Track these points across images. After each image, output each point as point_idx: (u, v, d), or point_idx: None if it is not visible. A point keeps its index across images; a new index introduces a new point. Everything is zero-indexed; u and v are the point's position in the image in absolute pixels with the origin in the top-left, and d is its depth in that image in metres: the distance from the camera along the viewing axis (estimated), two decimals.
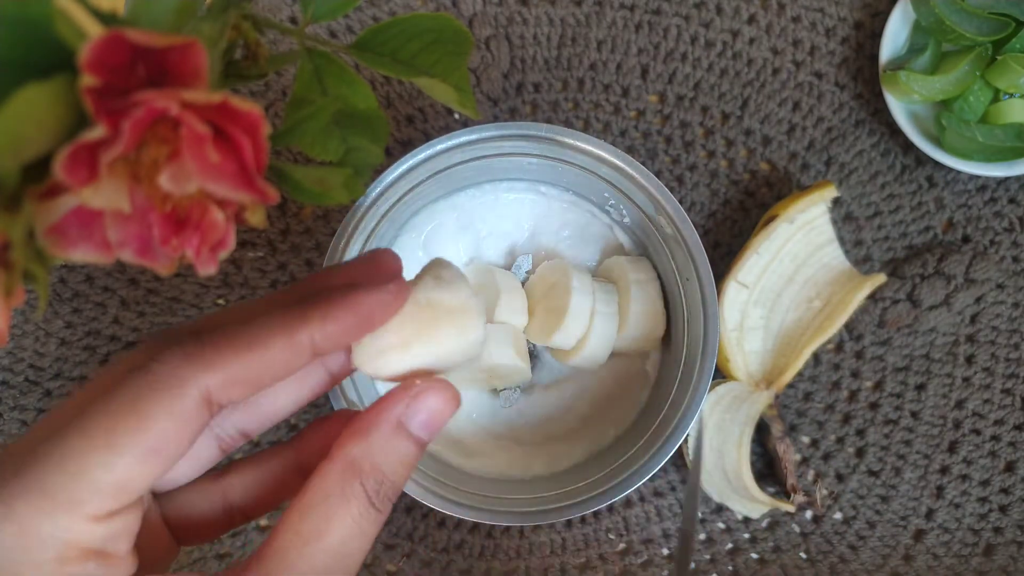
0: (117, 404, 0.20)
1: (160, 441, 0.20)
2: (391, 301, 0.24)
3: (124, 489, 0.20)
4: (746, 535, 0.46)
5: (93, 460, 0.19)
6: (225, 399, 0.21)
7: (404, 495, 0.41)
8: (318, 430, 0.28)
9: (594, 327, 0.42)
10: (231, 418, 0.26)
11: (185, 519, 0.26)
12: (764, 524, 0.47)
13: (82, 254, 0.18)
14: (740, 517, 0.47)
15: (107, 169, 0.17)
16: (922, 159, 0.47)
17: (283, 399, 0.26)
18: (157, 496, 0.26)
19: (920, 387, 0.47)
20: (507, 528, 0.46)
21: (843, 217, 0.48)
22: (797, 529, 0.46)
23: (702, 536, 0.47)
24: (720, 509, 0.46)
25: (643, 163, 0.44)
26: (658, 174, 0.47)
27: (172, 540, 0.26)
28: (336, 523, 0.22)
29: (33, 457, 0.19)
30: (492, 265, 0.45)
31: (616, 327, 0.42)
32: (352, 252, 0.40)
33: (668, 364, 0.43)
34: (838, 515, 0.47)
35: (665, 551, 0.46)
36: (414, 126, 0.48)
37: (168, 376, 0.20)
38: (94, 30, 0.16)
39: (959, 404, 0.47)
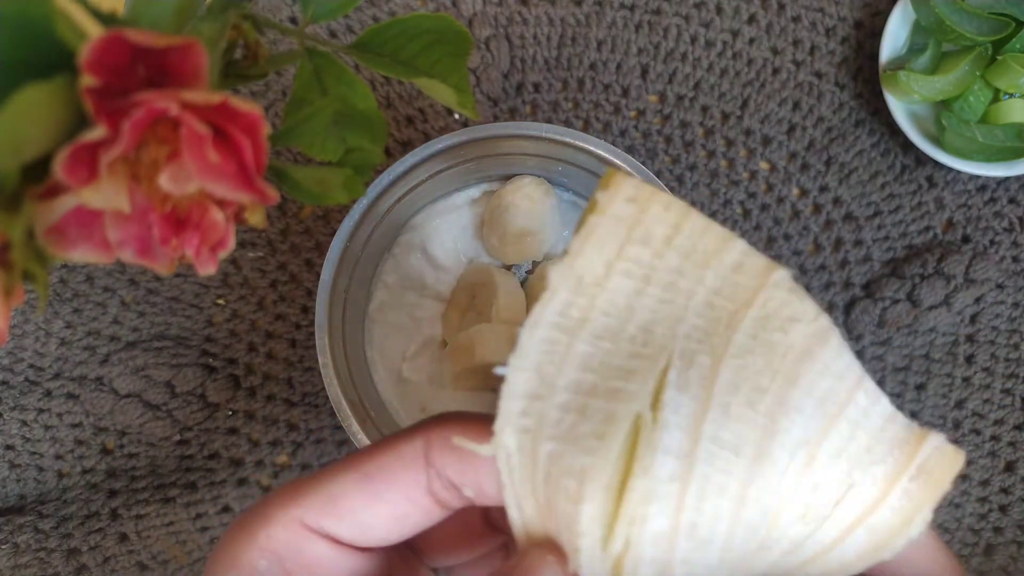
0: (374, 443, 0.22)
1: (374, 469, 0.21)
2: None
3: (334, 501, 0.21)
4: None
5: (330, 472, 0.21)
6: (438, 462, 0.21)
7: None
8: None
9: None
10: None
11: None
12: None
13: (82, 254, 0.18)
14: None
15: (107, 169, 0.17)
16: (922, 159, 0.47)
17: None
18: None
19: (920, 387, 0.47)
20: None
21: (843, 217, 0.48)
22: None
23: None
24: None
25: (643, 163, 0.44)
26: (658, 174, 0.47)
27: None
28: None
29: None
30: (492, 265, 0.45)
31: None
32: (352, 252, 0.40)
33: None
34: None
35: None
36: (414, 126, 0.48)
37: (411, 426, 0.22)
38: (94, 30, 0.16)
39: (959, 404, 0.47)
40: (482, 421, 0.21)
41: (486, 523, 0.25)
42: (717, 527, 0.18)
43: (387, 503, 0.21)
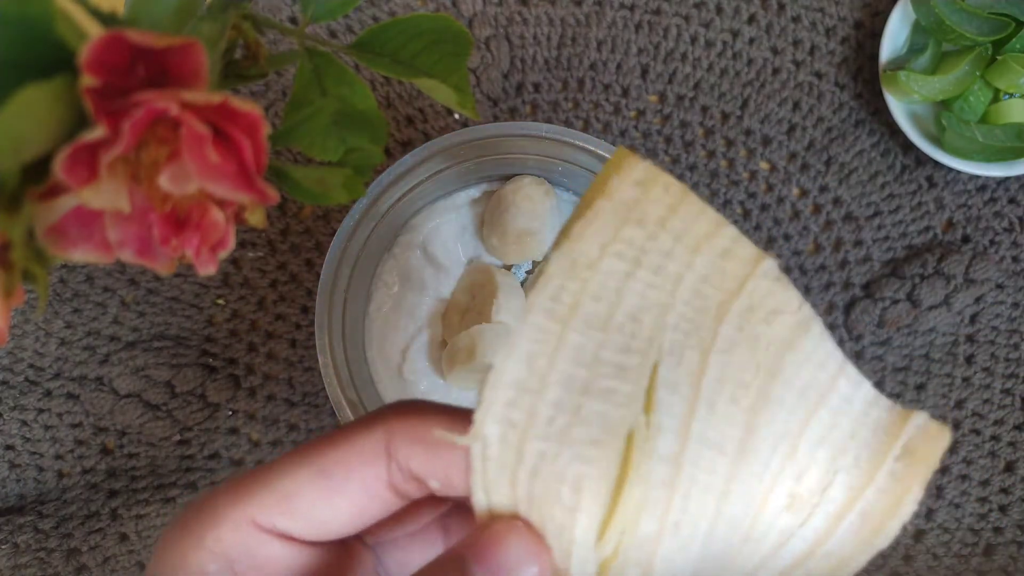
0: (324, 436, 0.21)
1: (331, 463, 0.20)
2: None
3: (288, 498, 0.20)
4: None
5: (281, 468, 0.20)
6: (402, 455, 0.20)
7: None
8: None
9: None
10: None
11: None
12: None
13: (82, 254, 0.18)
14: None
15: (107, 169, 0.17)
16: (922, 159, 0.47)
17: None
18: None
19: (920, 387, 0.47)
20: None
21: (843, 217, 0.48)
22: None
23: None
24: None
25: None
26: None
27: None
28: None
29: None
30: (492, 265, 0.45)
31: None
32: (352, 252, 0.40)
33: None
34: None
35: None
36: (414, 126, 0.48)
37: (364, 416, 0.21)
38: (94, 30, 0.16)
39: (959, 404, 0.47)
40: (445, 411, 0.21)
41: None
42: (700, 524, 0.18)
43: (345, 498, 0.20)
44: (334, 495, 0.20)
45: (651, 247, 0.19)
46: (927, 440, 0.19)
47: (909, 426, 0.19)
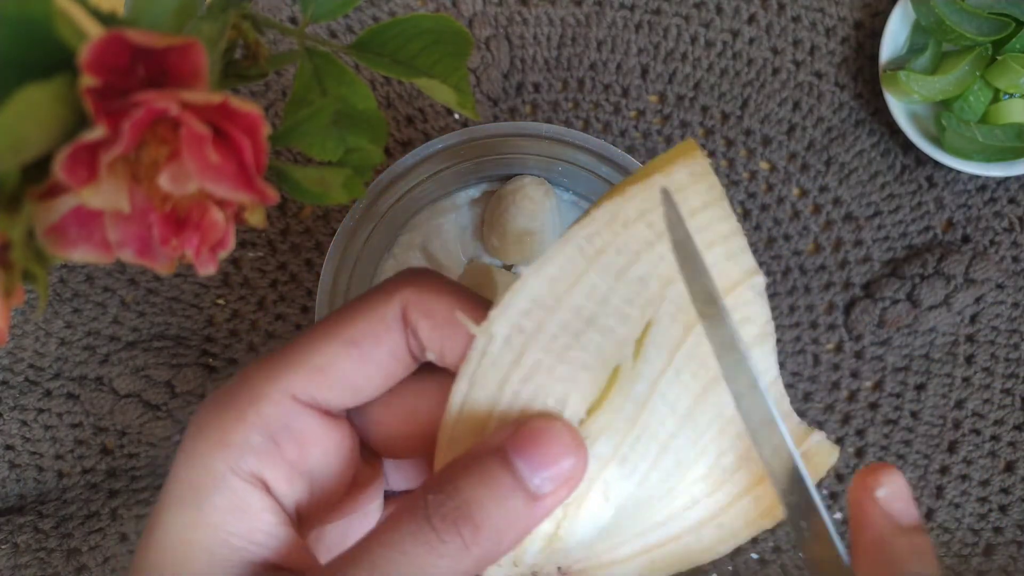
0: (344, 307, 0.23)
1: (359, 334, 0.22)
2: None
3: (323, 371, 0.21)
4: None
5: (311, 343, 0.22)
6: (414, 322, 0.22)
7: None
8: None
9: None
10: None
11: (382, 437, 0.24)
12: None
13: (82, 254, 0.18)
14: None
15: (107, 169, 0.17)
16: (922, 159, 0.47)
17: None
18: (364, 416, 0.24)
19: (920, 387, 0.47)
20: None
21: (843, 217, 0.48)
22: None
23: None
24: None
25: (643, 163, 0.44)
26: None
27: (375, 458, 0.25)
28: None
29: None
30: (492, 265, 0.45)
31: None
32: (352, 252, 0.40)
33: None
34: (838, 515, 0.47)
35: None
36: (414, 126, 0.48)
37: (382, 285, 0.22)
38: (94, 30, 0.16)
39: (959, 404, 0.47)
40: (454, 290, 0.22)
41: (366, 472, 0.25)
42: (639, 464, 0.22)
43: (375, 365, 0.22)
44: (365, 363, 0.22)
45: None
46: (821, 453, 0.23)
47: (810, 439, 0.23)
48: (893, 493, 0.20)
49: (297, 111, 0.26)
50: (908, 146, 0.47)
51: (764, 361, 0.23)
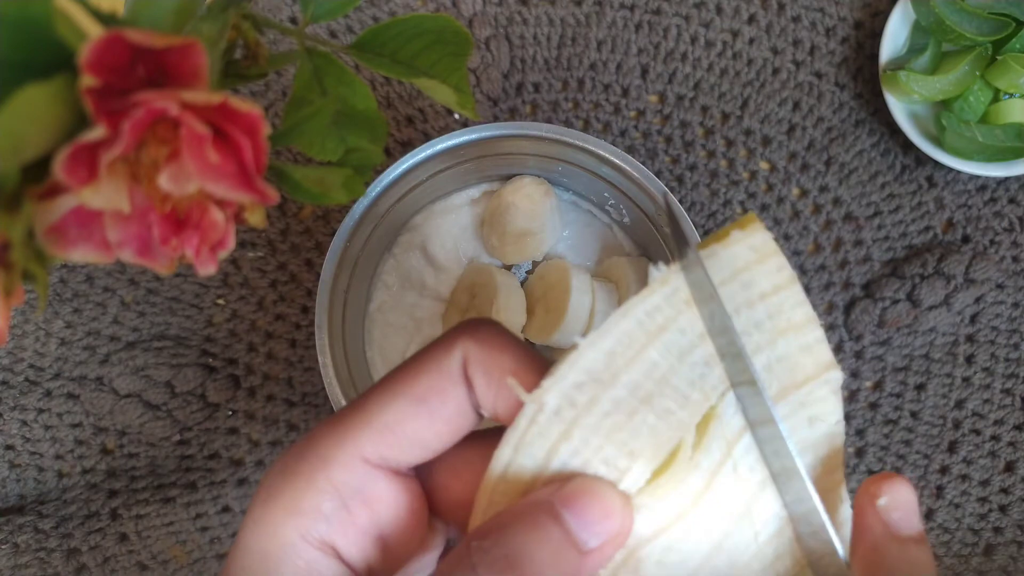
0: (406, 363, 0.22)
1: (425, 390, 0.21)
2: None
3: (392, 430, 0.21)
4: None
5: (376, 402, 0.21)
6: (471, 377, 0.22)
7: None
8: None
9: (593, 327, 0.42)
10: None
11: (449, 502, 0.24)
12: None
13: (82, 254, 0.18)
14: None
15: (107, 169, 0.17)
16: (922, 159, 0.47)
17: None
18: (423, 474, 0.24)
19: (920, 387, 0.47)
20: None
21: (843, 217, 0.48)
22: None
23: None
24: None
25: (643, 163, 0.44)
26: (658, 174, 0.47)
27: (437, 522, 0.25)
28: None
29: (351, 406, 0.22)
30: (492, 265, 0.45)
31: None
32: (352, 252, 0.40)
33: None
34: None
35: None
36: (414, 126, 0.48)
37: (443, 337, 0.22)
38: (94, 30, 0.16)
39: (959, 404, 0.47)
40: (514, 346, 0.22)
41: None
42: (690, 561, 0.21)
43: (443, 421, 0.21)
44: (433, 419, 0.21)
45: (745, 312, 0.20)
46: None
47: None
48: (894, 503, 0.20)
49: (297, 111, 0.26)
50: (908, 146, 0.47)
51: (832, 460, 0.21)
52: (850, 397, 0.47)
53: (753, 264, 0.21)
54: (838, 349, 0.47)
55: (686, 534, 0.20)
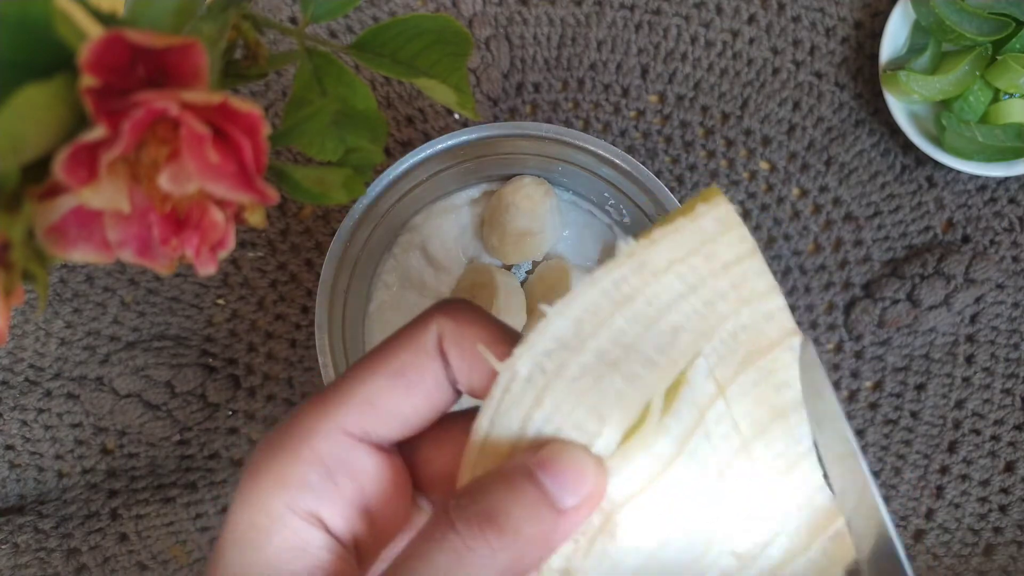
0: (385, 341, 0.23)
1: (403, 365, 0.22)
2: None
3: (372, 404, 0.22)
4: None
5: (357, 377, 0.22)
6: (447, 351, 0.22)
7: None
8: None
9: None
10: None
11: (433, 476, 0.24)
12: None
13: (82, 254, 0.18)
14: None
15: (107, 169, 0.17)
16: (922, 159, 0.47)
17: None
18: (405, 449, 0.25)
19: (920, 387, 0.47)
20: None
21: (843, 217, 0.48)
22: None
23: None
24: None
25: (643, 163, 0.44)
26: (658, 174, 0.47)
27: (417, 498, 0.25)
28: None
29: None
30: (492, 265, 0.45)
31: None
32: (352, 252, 0.40)
33: None
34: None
35: None
36: (414, 126, 0.48)
37: (420, 315, 0.23)
38: (94, 30, 0.16)
39: (959, 404, 0.47)
40: (487, 321, 0.22)
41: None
42: (663, 528, 0.21)
43: (423, 394, 0.22)
44: (412, 393, 0.22)
45: (710, 283, 0.21)
46: (840, 545, 0.22)
47: (839, 521, 0.22)
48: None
49: (297, 111, 0.26)
50: (908, 146, 0.47)
51: (797, 430, 0.22)
52: (850, 397, 0.47)
53: (717, 236, 0.21)
54: (838, 349, 0.47)
55: (660, 498, 0.21)
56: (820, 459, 0.21)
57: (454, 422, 0.24)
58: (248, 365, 0.47)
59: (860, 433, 0.47)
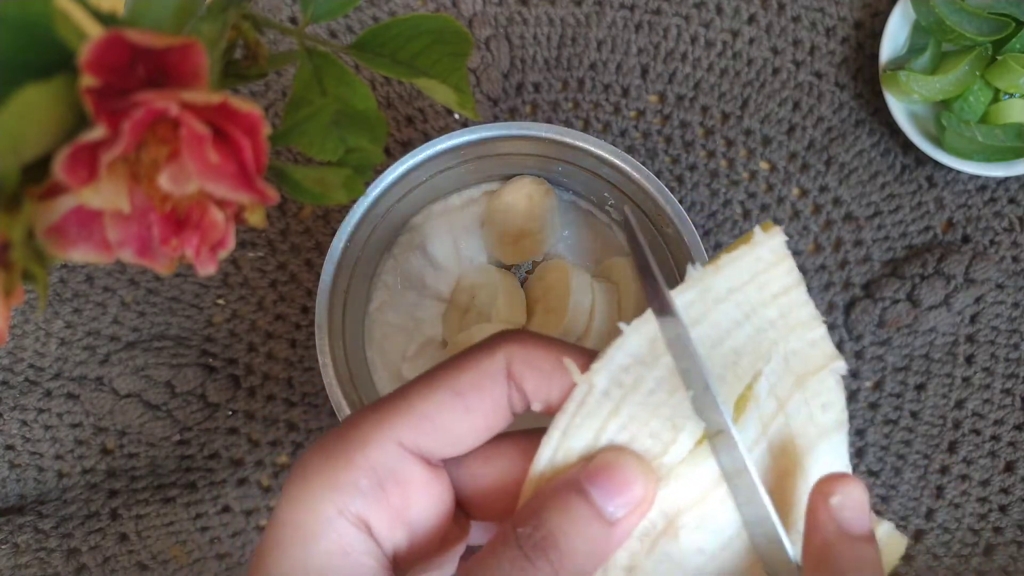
0: (448, 360, 0.24)
1: (465, 385, 0.22)
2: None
3: (429, 419, 0.22)
4: None
5: (416, 392, 0.23)
6: (519, 374, 0.23)
7: None
8: None
9: (593, 327, 0.42)
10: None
11: (477, 492, 0.25)
12: None
13: (82, 254, 0.18)
14: None
15: (107, 169, 0.17)
16: (922, 159, 0.47)
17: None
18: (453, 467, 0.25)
19: (920, 387, 0.47)
20: None
21: (843, 217, 0.48)
22: None
23: None
24: None
25: (643, 163, 0.44)
26: (658, 174, 0.47)
27: (464, 517, 0.26)
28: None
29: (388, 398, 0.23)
30: (492, 265, 0.45)
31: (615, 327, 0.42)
32: (352, 252, 0.40)
33: None
34: None
35: None
36: (414, 126, 0.48)
37: (486, 341, 0.23)
38: (94, 30, 0.16)
39: (959, 404, 0.47)
40: (555, 344, 0.23)
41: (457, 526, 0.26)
42: (724, 533, 0.23)
43: (479, 416, 0.23)
44: (470, 413, 0.23)
45: (761, 311, 0.23)
46: (890, 543, 0.24)
47: (879, 529, 0.23)
48: (846, 501, 0.21)
49: (297, 111, 0.26)
50: (908, 146, 0.47)
51: (839, 448, 0.23)
52: (850, 397, 0.47)
53: (770, 267, 0.23)
54: (838, 349, 0.47)
55: (722, 503, 0.22)
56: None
57: (503, 440, 0.25)
58: (248, 365, 0.47)
59: (860, 433, 0.47)
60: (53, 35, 0.16)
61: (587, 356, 0.23)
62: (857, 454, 0.47)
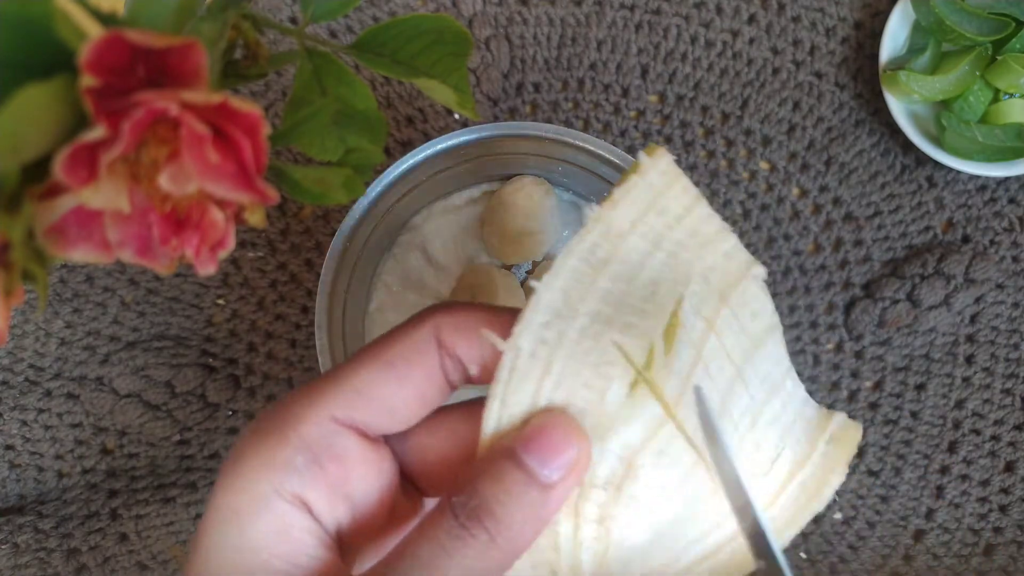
0: (379, 337, 0.24)
1: (395, 356, 0.23)
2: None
3: (360, 392, 0.22)
4: None
5: (349, 368, 0.23)
6: (450, 342, 0.23)
7: None
8: None
9: None
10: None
11: (425, 466, 0.25)
12: None
13: (82, 254, 0.18)
14: None
15: (107, 169, 0.17)
16: (922, 159, 0.47)
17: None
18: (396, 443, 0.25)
19: (920, 387, 0.47)
20: None
21: (843, 217, 0.48)
22: None
23: None
24: None
25: None
26: None
27: (416, 494, 0.25)
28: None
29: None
30: (492, 265, 0.45)
31: None
32: (352, 252, 0.40)
33: None
34: (838, 515, 0.47)
35: None
36: (414, 126, 0.48)
37: (416, 314, 0.24)
38: (94, 30, 0.16)
39: (959, 404, 0.47)
40: (484, 310, 0.23)
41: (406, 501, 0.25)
42: (679, 462, 0.23)
43: (412, 386, 0.23)
44: (401, 385, 0.23)
45: (668, 235, 0.23)
46: (847, 432, 0.25)
47: (833, 422, 0.25)
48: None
49: (297, 111, 0.26)
50: (908, 146, 0.47)
51: (776, 352, 0.23)
52: (850, 397, 0.47)
53: (664, 190, 0.23)
54: (838, 349, 0.47)
55: (674, 436, 0.22)
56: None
57: (448, 412, 0.24)
58: (248, 365, 0.47)
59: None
60: (53, 35, 0.16)
61: (515, 318, 0.22)
62: (857, 454, 0.47)
